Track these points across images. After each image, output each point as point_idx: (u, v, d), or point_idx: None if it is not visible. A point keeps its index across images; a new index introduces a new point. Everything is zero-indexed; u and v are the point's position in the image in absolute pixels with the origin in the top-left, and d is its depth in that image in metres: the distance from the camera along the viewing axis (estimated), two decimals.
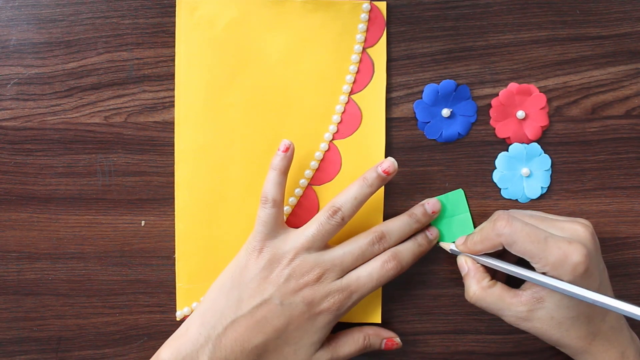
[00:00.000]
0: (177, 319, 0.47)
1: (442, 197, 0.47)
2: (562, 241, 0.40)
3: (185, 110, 0.46)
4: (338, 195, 0.44)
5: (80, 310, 0.47)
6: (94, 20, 0.46)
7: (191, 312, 0.47)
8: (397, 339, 0.46)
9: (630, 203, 0.48)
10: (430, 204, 0.46)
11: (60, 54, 0.46)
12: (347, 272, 0.43)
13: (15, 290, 0.47)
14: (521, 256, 0.41)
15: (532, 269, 0.41)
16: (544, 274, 0.40)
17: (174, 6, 0.46)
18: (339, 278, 0.43)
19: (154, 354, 0.42)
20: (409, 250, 0.45)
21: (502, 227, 0.41)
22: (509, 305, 0.41)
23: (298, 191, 0.47)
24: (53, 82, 0.46)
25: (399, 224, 0.45)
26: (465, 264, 0.44)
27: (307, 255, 0.43)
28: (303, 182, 0.47)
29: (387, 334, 0.46)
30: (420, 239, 0.46)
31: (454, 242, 0.45)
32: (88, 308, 0.47)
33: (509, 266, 0.42)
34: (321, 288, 0.43)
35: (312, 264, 0.43)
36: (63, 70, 0.46)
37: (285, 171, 0.44)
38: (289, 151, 0.44)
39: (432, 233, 0.46)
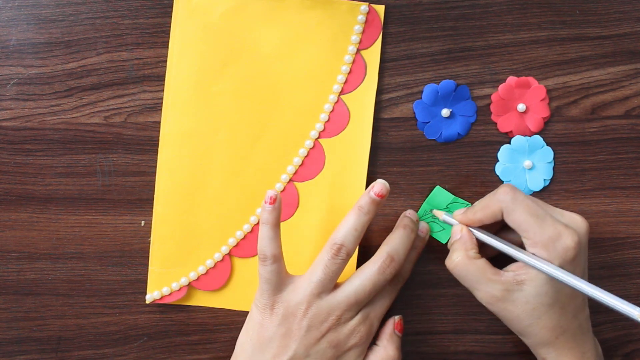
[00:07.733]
0: (146, 302, 0.47)
1: (425, 203, 0.47)
2: (559, 223, 0.40)
3: (173, 93, 0.46)
4: (336, 230, 0.42)
5: (80, 310, 0.47)
6: (93, 20, 0.46)
7: (161, 297, 0.46)
8: (397, 317, 0.45)
9: (630, 203, 0.47)
10: (410, 212, 0.45)
11: (60, 54, 0.46)
12: (364, 306, 0.43)
13: (15, 290, 0.47)
14: (515, 228, 0.40)
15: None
16: (533, 255, 0.40)
17: (173, 6, 0.46)
18: (357, 313, 0.42)
19: (153, 353, 0.42)
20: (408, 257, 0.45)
21: (504, 194, 0.41)
22: (488, 280, 0.40)
23: (279, 186, 0.47)
24: (53, 82, 0.46)
25: (400, 240, 0.43)
26: (460, 231, 0.43)
27: (320, 301, 0.41)
28: (285, 177, 0.47)
29: (389, 328, 0.44)
30: (415, 241, 0.45)
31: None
32: (88, 308, 0.47)
33: (500, 242, 0.41)
34: (344, 329, 0.42)
35: (328, 310, 0.41)
36: (63, 71, 0.46)
37: (277, 223, 0.42)
38: (277, 202, 0.41)
39: (422, 231, 0.46)
